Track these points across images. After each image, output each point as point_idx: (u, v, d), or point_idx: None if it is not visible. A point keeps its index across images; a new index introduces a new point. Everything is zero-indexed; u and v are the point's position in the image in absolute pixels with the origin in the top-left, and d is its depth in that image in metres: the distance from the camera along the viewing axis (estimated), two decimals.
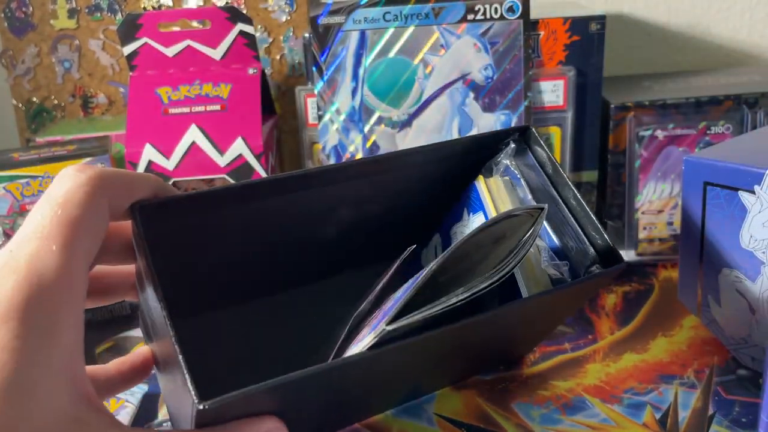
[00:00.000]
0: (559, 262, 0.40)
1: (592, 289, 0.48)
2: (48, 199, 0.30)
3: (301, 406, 0.34)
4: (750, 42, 0.79)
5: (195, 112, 0.63)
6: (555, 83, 0.61)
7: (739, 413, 0.42)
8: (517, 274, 0.39)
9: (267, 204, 0.39)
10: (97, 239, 0.30)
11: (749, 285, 0.44)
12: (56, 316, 0.27)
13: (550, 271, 0.40)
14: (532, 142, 0.44)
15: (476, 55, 0.59)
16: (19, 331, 0.26)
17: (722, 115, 0.60)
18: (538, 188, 0.43)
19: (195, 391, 0.28)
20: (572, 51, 0.61)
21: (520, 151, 0.44)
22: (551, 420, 0.43)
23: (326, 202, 0.41)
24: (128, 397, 0.45)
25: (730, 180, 0.44)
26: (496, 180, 0.44)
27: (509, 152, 0.44)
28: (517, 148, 0.44)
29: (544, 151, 0.43)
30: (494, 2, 0.58)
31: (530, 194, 0.43)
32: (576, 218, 0.41)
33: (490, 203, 0.42)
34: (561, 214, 0.42)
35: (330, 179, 0.40)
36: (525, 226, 0.36)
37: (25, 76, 0.82)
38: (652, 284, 0.58)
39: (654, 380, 0.46)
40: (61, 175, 0.31)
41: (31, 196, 0.59)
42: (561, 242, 0.42)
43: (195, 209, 0.36)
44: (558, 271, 0.40)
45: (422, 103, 0.59)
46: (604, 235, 0.40)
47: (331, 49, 0.59)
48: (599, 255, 0.40)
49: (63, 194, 0.29)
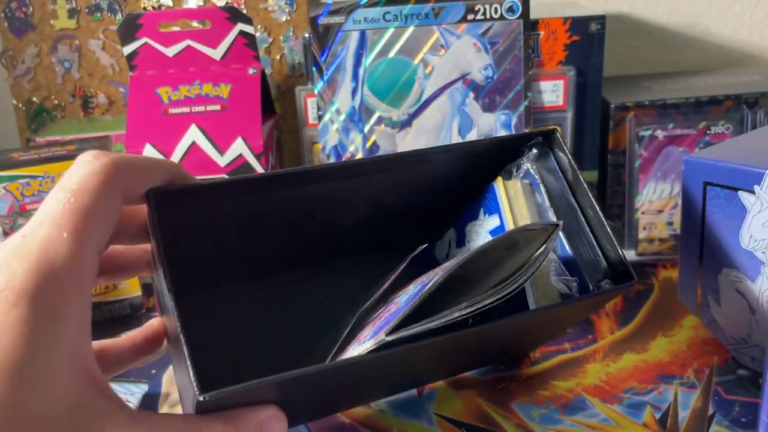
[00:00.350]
0: (569, 278, 0.40)
1: (601, 304, 0.48)
2: (62, 186, 0.30)
3: (299, 397, 0.35)
4: (750, 42, 0.79)
5: (195, 112, 0.63)
6: (555, 83, 0.61)
7: (739, 413, 0.42)
8: (527, 284, 0.39)
9: (284, 193, 0.39)
10: (108, 226, 0.31)
11: (749, 285, 0.44)
12: (65, 303, 0.28)
13: (558, 286, 0.40)
14: (555, 147, 0.44)
15: (476, 55, 0.59)
16: (28, 316, 0.27)
17: (722, 115, 0.60)
18: (557, 194, 0.43)
19: (197, 383, 0.29)
20: (572, 51, 0.61)
21: (542, 155, 0.44)
22: (551, 420, 0.43)
23: (344, 195, 0.42)
24: (128, 396, 0.45)
25: (730, 180, 0.44)
26: (515, 183, 0.44)
27: (531, 156, 0.44)
28: (539, 152, 0.44)
29: (566, 157, 0.43)
30: (494, 2, 0.58)
31: (548, 200, 0.43)
32: (591, 229, 0.41)
33: (506, 206, 0.42)
34: (577, 223, 0.42)
35: (350, 174, 0.40)
36: (538, 240, 0.36)
37: (25, 76, 0.82)
38: (652, 284, 0.58)
39: (654, 380, 0.46)
40: (78, 161, 0.31)
41: (32, 196, 0.59)
42: (574, 252, 0.42)
43: (210, 197, 0.37)
44: (567, 286, 0.40)
45: (422, 103, 0.59)
46: (618, 250, 0.39)
47: (331, 49, 0.59)
48: (611, 268, 0.40)
49: (77, 181, 0.30)
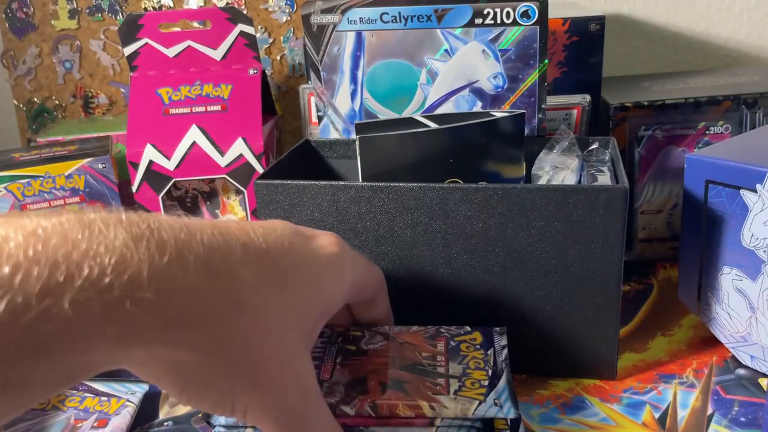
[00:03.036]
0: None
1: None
2: (343, 271, 0.37)
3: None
4: (749, 42, 0.79)
5: (196, 113, 0.63)
6: (567, 113, 0.59)
7: (738, 413, 0.42)
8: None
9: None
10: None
11: (750, 284, 0.44)
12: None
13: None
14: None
15: (485, 62, 0.55)
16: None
17: (721, 115, 0.60)
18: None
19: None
20: (572, 51, 0.61)
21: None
22: (551, 419, 0.43)
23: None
24: (129, 396, 0.45)
25: (732, 178, 0.44)
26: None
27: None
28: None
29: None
30: (506, 6, 0.53)
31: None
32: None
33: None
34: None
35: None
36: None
37: (26, 77, 0.82)
38: (652, 284, 0.59)
39: (653, 380, 0.46)
40: (365, 263, 0.40)
41: (32, 196, 0.60)
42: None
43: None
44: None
45: (425, 109, 0.57)
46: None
47: (327, 49, 0.57)
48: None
49: (352, 283, 0.38)
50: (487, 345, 0.41)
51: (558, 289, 0.44)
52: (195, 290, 0.27)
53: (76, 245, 0.25)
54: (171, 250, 0.27)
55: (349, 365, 0.38)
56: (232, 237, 0.30)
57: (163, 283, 0.26)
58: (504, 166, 0.50)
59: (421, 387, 0.36)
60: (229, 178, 0.62)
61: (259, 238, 0.32)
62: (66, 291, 0.24)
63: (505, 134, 0.49)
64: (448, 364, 0.38)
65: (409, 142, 0.48)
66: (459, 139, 0.48)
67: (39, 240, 0.24)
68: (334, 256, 0.36)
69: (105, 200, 0.61)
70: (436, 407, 0.35)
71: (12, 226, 0.24)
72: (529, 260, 0.44)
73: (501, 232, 0.43)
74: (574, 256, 0.43)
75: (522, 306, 0.45)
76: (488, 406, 0.35)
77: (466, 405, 0.35)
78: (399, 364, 0.38)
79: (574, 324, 0.44)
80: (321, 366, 0.38)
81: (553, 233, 0.43)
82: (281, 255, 0.32)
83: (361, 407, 0.35)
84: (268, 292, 0.31)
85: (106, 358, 0.26)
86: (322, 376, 0.37)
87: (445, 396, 0.35)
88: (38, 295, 0.23)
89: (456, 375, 0.37)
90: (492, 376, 0.37)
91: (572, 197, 0.42)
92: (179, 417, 0.44)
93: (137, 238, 0.26)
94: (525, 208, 0.42)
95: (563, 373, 0.46)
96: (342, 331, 0.42)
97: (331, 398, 0.35)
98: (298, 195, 0.46)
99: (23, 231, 0.24)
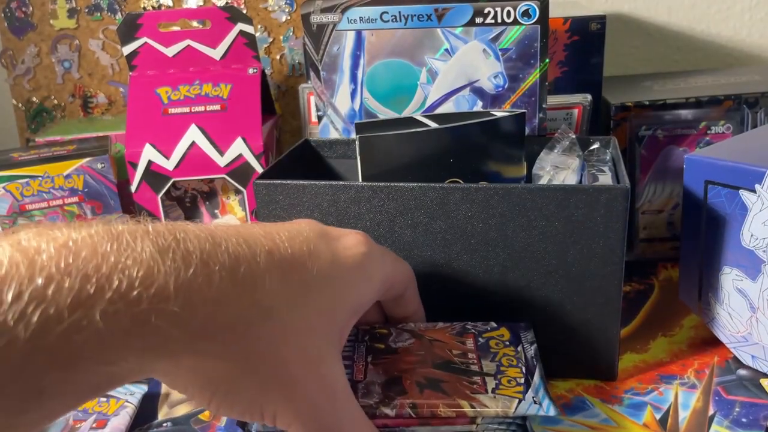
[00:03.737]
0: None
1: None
2: (370, 273, 0.37)
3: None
4: (750, 42, 0.79)
5: (195, 112, 0.63)
6: (568, 112, 0.59)
7: (740, 413, 0.42)
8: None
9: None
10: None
11: (750, 283, 0.44)
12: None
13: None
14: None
15: (485, 61, 0.55)
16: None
17: (722, 115, 0.60)
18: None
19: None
20: (572, 51, 0.61)
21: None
22: (552, 420, 0.43)
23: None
24: (128, 397, 0.45)
25: (731, 178, 0.44)
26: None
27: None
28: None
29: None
30: (506, 5, 0.53)
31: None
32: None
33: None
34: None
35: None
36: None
37: (25, 76, 0.82)
38: (652, 284, 0.58)
39: (654, 380, 0.46)
40: (393, 259, 0.40)
41: (31, 196, 0.59)
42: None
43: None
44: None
45: (426, 109, 0.57)
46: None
47: (326, 48, 0.57)
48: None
49: (381, 280, 0.38)
50: (515, 341, 0.41)
51: (559, 290, 0.44)
52: (220, 301, 0.28)
53: (106, 258, 0.25)
54: (196, 261, 0.27)
55: (381, 364, 0.38)
56: (257, 244, 0.30)
57: (189, 295, 0.26)
58: (504, 166, 0.50)
59: (459, 386, 0.36)
60: (229, 178, 0.62)
61: (284, 243, 0.32)
62: (96, 303, 0.24)
63: (505, 134, 0.49)
64: (481, 362, 0.38)
65: (409, 142, 0.47)
66: (459, 138, 0.48)
67: (70, 252, 0.25)
68: (361, 256, 0.36)
69: (104, 200, 0.61)
70: (476, 406, 0.35)
71: (44, 237, 0.25)
72: (529, 260, 0.43)
73: (501, 232, 0.43)
74: (575, 257, 0.43)
75: (522, 306, 0.44)
76: (528, 404, 0.35)
77: (507, 403, 0.35)
78: (431, 362, 0.38)
79: (575, 324, 0.44)
80: (353, 366, 0.38)
81: (554, 233, 0.42)
82: (307, 260, 0.32)
83: (401, 408, 0.35)
84: (293, 298, 0.31)
85: (134, 368, 0.26)
86: (356, 377, 0.37)
87: (484, 395, 0.35)
88: (70, 307, 0.23)
89: (491, 373, 0.37)
90: (525, 372, 0.37)
91: (573, 197, 0.41)
92: (178, 418, 0.44)
93: (163, 250, 0.27)
94: (525, 208, 0.42)
95: (564, 373, 0.46)
96: (368, 329, 0.42)
97: (369, 399, 0.35)
98: (298, 195, 0.45)
99: (55, 243, 0.25)
